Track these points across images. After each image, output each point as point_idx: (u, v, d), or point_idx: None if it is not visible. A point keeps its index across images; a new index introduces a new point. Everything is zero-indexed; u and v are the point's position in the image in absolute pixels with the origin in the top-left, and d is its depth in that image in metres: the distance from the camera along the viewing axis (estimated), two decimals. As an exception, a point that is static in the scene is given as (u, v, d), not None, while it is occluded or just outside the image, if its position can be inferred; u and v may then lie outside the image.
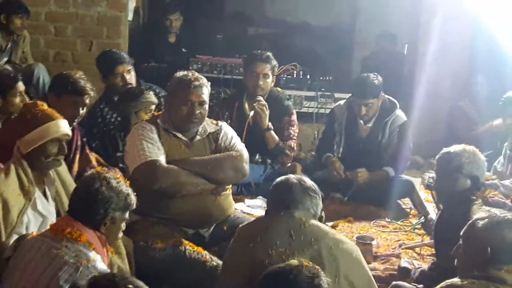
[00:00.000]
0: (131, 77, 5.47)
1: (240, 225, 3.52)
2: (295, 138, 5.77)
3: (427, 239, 4.84)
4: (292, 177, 3.36)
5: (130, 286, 2.40)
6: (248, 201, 5.35)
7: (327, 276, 2.91)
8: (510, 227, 2.81)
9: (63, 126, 3.68)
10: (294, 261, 2.71)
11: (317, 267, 2.72)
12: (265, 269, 2.82)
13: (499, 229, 2.80)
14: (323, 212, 3.35)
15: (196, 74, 4.40)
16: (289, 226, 3.13)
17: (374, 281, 3.22)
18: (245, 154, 4.41)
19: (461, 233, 2.95)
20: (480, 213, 3.00)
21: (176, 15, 7.70)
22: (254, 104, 5.52)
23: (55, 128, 3.63)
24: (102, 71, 5.57)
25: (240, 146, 4.44)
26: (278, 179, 3.41)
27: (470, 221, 2.94)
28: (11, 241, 3.38)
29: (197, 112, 4.24)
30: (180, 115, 4.27)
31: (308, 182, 3.34)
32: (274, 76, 5.79)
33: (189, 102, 4.24)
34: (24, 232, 3.46)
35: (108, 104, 5.38)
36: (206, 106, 4.32)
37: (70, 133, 3.79)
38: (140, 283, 2.46)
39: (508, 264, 2.76)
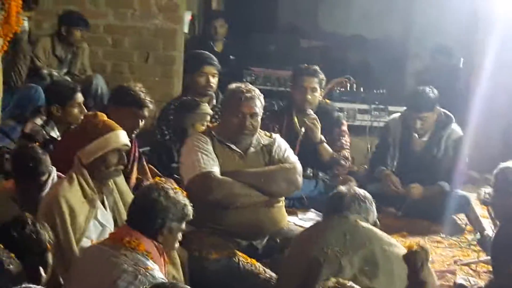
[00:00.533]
0: (215, 82, 5.52)
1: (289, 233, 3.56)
2: (348, 147, 5.75)
3: (483, 256, 4.77)
4: (342, 187, 3.43)
5: None
6: (300, 215, 5.34)
7: (381, 277, 2.92)
8: None
9: (123, 137, 3.73)
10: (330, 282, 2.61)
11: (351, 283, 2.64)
12: (319, 268, 2.88)
13: None
14: (377, 219, 3.37)
15: (249, 85, 4.44)
16: (344, 227, 3.18)
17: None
18: (299, 166, 4.41)
19: None
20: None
21: (220, 21, 7.69)
22: (305, 119, 5.51)
23: (115, 139, 3.68)
24: (188, 68, 5.69)
25: (293, 158, 4.45)
26: (332, 192, 3.46)
27: None
28: (81, 245, 3.45)
29: (248, 123, 4.26)
30: (232, 127, 4.30)
31: (358, 190, 3.40)
32: (322, 90, 5.78)
33: (241, 113, 4.26)
34: (94, 236, 3.53)
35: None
36: (259, 118, 4.33)
37: (129, 143, 3.85)
38: None
39: None
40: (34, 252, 2.99)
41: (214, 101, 5.66)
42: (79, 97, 4.79)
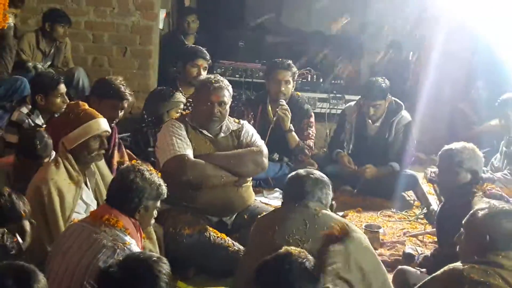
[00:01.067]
0: (204, 74, 5.46)
1: (259, 216, 3.53)
2: (313, 138, 5.78)
3: (429, 228, 4.83)
4: (301, 171, 3.38)
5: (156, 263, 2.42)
6: (266, 193, 5.37)
7: (339, 261, 2.92)
8: (507, 217, 2.80)
9: (103, 124, 3.71)
10: (281, 251, 2.65)
11: (303, 250, 2.68)
12: None
13: (497, 219, 2.79)
14: (333, 201, 3.37)
15: (218, 77, 4.42)
16: (304, 216, 3.15)
17: (383, 266, 3.22)
18: (265, 149, 4.42)
19: (463, 222, 2.93)
20: (480, 204, 2.98)
21: (193, 17, 7.57)
22: (277, 109, 5.51)
23: (96, 126, 3.66)
24: (183, 59, 5.66)
25: (260, 142, 4.46)
26: (290, 174, 3.43)
27: (471, 212, 2.92)
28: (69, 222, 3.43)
29: (217, 111, 4.26)
30: (201, 114, 4.30)
31: (317, 173, 3.35)
32: (294, 82, 5.78)
33: (210, 102, 4.26)
34: (82, 213, 3.52)
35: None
36: (227, 106, 4.33)
37: (109, 130, 3.82)
38: (167, 266, 2.48)
39: (505, 250, 2.75)
40: (10, 219, 3.12)
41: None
42: (62, 87, 4.74)
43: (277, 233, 3.10)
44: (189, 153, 4.18)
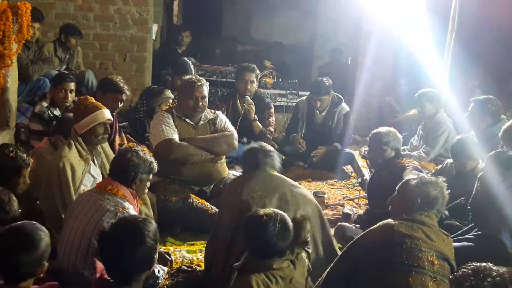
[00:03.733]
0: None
1: (230, 180, 3.52)
2: (273, 125, 5.75)
3: (363, 193, 4.86)
4: (255, 145, 3.35)
5: (143, 222, 2.40)
6: (237, 168, 5.33)
7: (291, 209, 2.95)
8: (433, 186, 2.79)
9: (107, 114, 3.66)
10: (264, 211, 2.65)
11: (282, 213, 2.68)
12: (249, 208, 2.83)
13: (426, 187, 2.78)
14: (280, 163, 3.37)
15: (199, 77, 4.41)
16: (263, 177, 3.15)
17: (321, 210, 3.24)
18: (235, 134, 4.40)
19: (397, 188, 2.91)
20: (410, 175, 2.97)
21: (187, 33, 7.61)
22: (244, 104, 5.46)
23: (101, 115, 3.61)
24: (174, 71, 5.62)
25: (231, 128, 4.43)
26: (247, 147, 3.41)
27: (404, 180, 2.90)
28: (79, 191, 3.39)
29: (200, 104, 4.24)
30: (188, 107, 4.26)
31: (267, 147, 3.34)
32: (258, 81, 5.75)
33: (194, 97, 4.22)
34: (88, 185, 3.49)
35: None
36: (206, 100, 4.31)
37: (112, 118, 3.77)
38: (153, 224, 2.43)
39: (427, 211, 2.75)
40: (13, 166, 3.15)
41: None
42: (67, 84, 4.64)
43: (244, 191, 3.09)
44: (176, 137, 4.14)
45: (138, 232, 2.33)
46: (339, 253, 2.96)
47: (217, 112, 4.51)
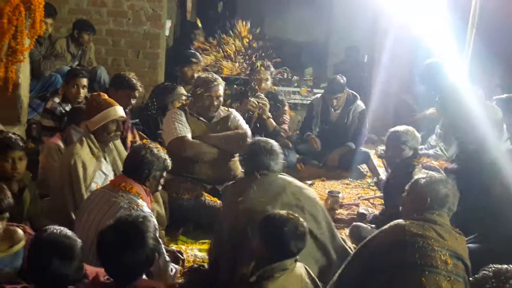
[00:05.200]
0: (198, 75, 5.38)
1: (225, 185, 3.47)
2: (287, 123, 5.74)
3: (378, 193, 4.85)
4: (256, 143, 3.30)
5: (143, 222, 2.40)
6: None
7: (296, 211, 2.90)
8: (443, 184, 2.81)
9: (120, 110, 3.68)
10: (284, 212, 2.67)
11: (298, 217, 2.68)
12: (251, 214, 2.82)
13: (435, 185, 2.80)
14: (284, 160, 3.31)
15: (215, 75, 4.39)
16: (264, 182, 3.13)
17: (328, 213, 3.22)
18: (249, 132, 4.40)
19: (406, 188, 2.93)
20: (420, 174, 2.99)
21: (200, 31, 7.68)
22: (258, 100, 5.42)
23: (114, 112, 3.62)
24: (179, 61, 5.61)
25: (245, 126, 4.44)
26: (251, 143, 3.37)
27: (413, 179, 2.93)
28: (90, 189, 3.41)
29: (216, 103, 4.26)
30: (203, 105, 4.27)
31: (269, 143, 3.27)
32: (272, 79, 5.74)
33: (210, 96, 4.23)
34: (99, 182, 3.50)
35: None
36: (221, 98, 4.32)
37: (125, 116, 3.79)
38: (152, 222, 2.44)
39: (438, 210, 2.76)
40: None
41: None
42: (79, 80, 4.67)
43: (245, 199, 3.06)
44: (188, 135, 4.15)
45: (138, 232, 2.32)
46: (353, 254, 2.96)
47: (230, 109, 4.52)
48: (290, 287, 2.55)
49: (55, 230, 2.29)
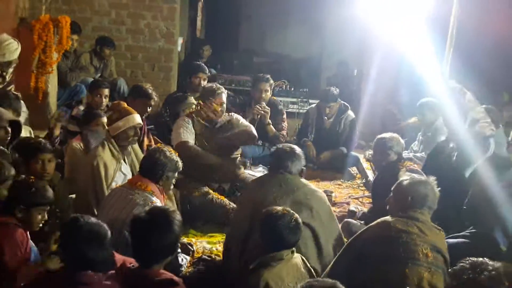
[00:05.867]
0: (205, 84, 5.33)
1: (250, 181, 3.52)
2: (285, 129, 5.69)
3: (367, 193, 4.84)
4: (286, 145, 3.31)
5: (172, 212, 2.44)
6: (253, 168, 5.33)
7: (304, 212, 2.91)
8: (424, 185, 2.81)
9: (138, 118, 3.67)
10: (280, 208, 2.67)
11: (293, 212, 2.67)
12: (263, 207, 2.81)
13: (417, 186, 2.80)
14: (303, 169, 3.28)
15: (219, 85, 4.43)
16: (280, 180, 3.11)
17: (334, 215, 3.20)
18: (252, 128, 4.42)
19: (392, 188, 2.93)
20: (404, 176, 2.97)
21: (207, 47, 7.69)
22: (258, 107, 5.39)
23: (133, 120, 3.62)
24: (188, 72, 5.55)
25: (246, 123, 4.46)
26: (277, 146, 3.37)
27: (398, 181, 2.93)
28: (111, 187, 3.41)
29: (220, 110, 4.28)
30: (206, 111, 4.28)
31: (292, 147, 3.26)
32: (271, 90, 5.74)
33: (215, 103, 4.25)
34: (119, 181, 3.50)
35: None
36: (225, 106, 4.34)
37: (141, 122, 3.79)
38: (179, 216, 2.48)
39: (421, 208, 2.76)
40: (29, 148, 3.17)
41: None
42: (102, 90, 4.66)
43: (260, 192, 3.07)
44: (191, 139, 4.19)
45: (168, 220, 2.37)
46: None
47: (231, 114, 4.53)
48: (285, 275, 2.54)
49: (89, 220, 2.26)
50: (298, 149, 3.27)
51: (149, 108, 4.50)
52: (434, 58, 5.45)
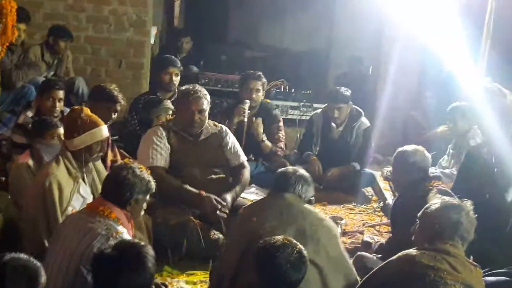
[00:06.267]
0: (177, 80, 5.43)
1: (243, 206, 3.53)
2: (283, 139, 5.73)
3: (385, 219, 4.84)
4: (290, 168, 3.37)
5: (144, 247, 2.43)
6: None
7: (309, 245, 2.91)
8: (456, 210, 2.82)
9: (105, 130, 3.67)
10: (280, 238, 2.67)
11: (297, 243, 2.68)
12: (258, 238, 2.81)
13: (446, 211, 2.81)
14: (313, 196, 3.33)
15: (197, 87, 4.38)
16: (281, 206, 3.12)
17: (346, 254, 3.19)
18: (244, 158, 4.47)
19: (418, 215, 2.94)
20: (434, 199, 2.99)
21: (187, 39, 7.73)
22: (242, 107, 5.39)
23: (100, 133, 3.61)
24: (157, 68, 5.59)
25: (243, 157, 4.49)
26: (281, 169, 3.40)
27: (426, 206, 2.94)
28: (66, 213, 3.39)
29: (197, 118, 4.26)
30: (183, 121, 4.30)
31: (301, 171, 3.31)
32: (264, 91, 5.75)
33: (190, 110, 4.25)
34: (76, 206, 3.48)
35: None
36: (206, 113, 4.32)
37: (109, 135, 3.78)
38: (152, 251, 2.49)
39: (452, 239, 2.77)
40: None
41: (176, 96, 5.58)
42: (55, 92, 4.66)
43: (256, 220, 3.08)
44: (162, 164, 4.17)
45: (139, 257, 2.38)
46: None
47: (220, 125, 4.53)
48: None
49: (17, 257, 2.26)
50: (306, 173, 3.31)
51: (114, 114, 4.51)
52: (467, 53, 5.52)
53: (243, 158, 4.51)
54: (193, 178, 4.22)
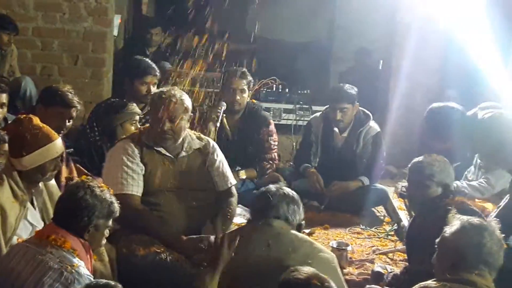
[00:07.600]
0: (155, 90, 5.35)
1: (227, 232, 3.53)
2: (275, 148, 5.76)
3: (400, 245, 4.86)
4: (271, 186, 3.38)
5: None
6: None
7: None
8: (477, 231, 2.85)
9: (60, 145, 3.69)
10: (304, 271, 2.69)
11: (326, 277, 2.69)
12: (242, 278, 2.85)
13: (466, 235, 2.84)
14: (303, 220, 3.35)
15: (173, 91, 4.26)
16: (268, 235, 3.15)
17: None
18: (232, 180, 4.42)
19: (437, 241, 2.97)
20: (455, 221, 3.01)
21: (157, 30, 7.72)
22: (219, 108, 5.46)
23: (54, 149, 3.63)
24: (129, 75, 5.52)
25: (232, 180, 4.43)
26: (260, 190, 3.44)
27: (444, 229, 2.97)
28: (11, 243, 3.38)
29: (167, 128, 4.15)
30: (154, 131, 4.22)
31: (286, 190, 3.35)
32: (251, 91, 5.78)
33: (159, 118, 4.15)
34: (24, 235, 3.48)
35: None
36: (181, 122, 4.19)
37: (64, 149, 3.79)
38: None
39: (477, 267, 2.79)
40: None
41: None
42: (3, 97, 4.66)
43: (238, 255, 3.10)
44: (134, 190, 4.11)
45: None
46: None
47: (206, 138, 4.48)
48: None
49: None
50: (294, 194, 3.34)
51: (68, 121, 4.51)
52: (496, 45, 5.57)
53: (232, 181, 4.43)
54: (169, 206, 4.20)
